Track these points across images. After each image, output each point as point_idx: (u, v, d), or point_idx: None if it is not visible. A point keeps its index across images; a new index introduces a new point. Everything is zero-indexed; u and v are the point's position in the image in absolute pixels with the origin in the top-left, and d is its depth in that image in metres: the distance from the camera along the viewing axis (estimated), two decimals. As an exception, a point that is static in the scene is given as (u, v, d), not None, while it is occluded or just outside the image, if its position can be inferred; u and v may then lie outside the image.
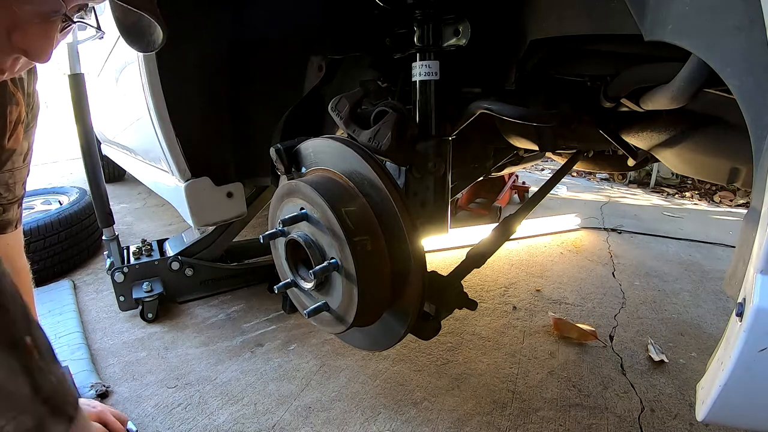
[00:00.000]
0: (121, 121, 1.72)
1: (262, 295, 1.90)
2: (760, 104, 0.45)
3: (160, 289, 1.73)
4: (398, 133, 0.78)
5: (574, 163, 1.41)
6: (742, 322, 0.41)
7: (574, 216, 2.78)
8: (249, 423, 1.21)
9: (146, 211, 3.23)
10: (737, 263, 0.45)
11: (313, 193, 0.71)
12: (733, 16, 0.46)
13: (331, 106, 0.85)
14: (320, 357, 1.49)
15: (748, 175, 0.92)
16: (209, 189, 1.07)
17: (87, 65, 1.72)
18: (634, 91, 0.85)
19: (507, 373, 1.41)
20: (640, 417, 1.24)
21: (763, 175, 0.42)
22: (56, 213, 2.09)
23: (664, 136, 1.05)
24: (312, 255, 0.74)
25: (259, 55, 1.00)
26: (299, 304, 0.85)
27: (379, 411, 1.25)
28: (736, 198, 3.75)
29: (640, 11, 0.59)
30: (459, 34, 0.84)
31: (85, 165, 1.70)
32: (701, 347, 1.57)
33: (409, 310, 0.74)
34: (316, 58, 1.03)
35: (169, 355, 1.49)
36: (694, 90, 0.60)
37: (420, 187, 0.90)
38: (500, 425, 1.20)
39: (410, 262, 0.69)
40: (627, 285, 2.04)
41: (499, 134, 1.30)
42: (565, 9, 0.78)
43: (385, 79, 1.13)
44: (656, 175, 4.14)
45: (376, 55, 1.07)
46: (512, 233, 1.07)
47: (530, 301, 1.87)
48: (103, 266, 2.10)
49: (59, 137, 7.28)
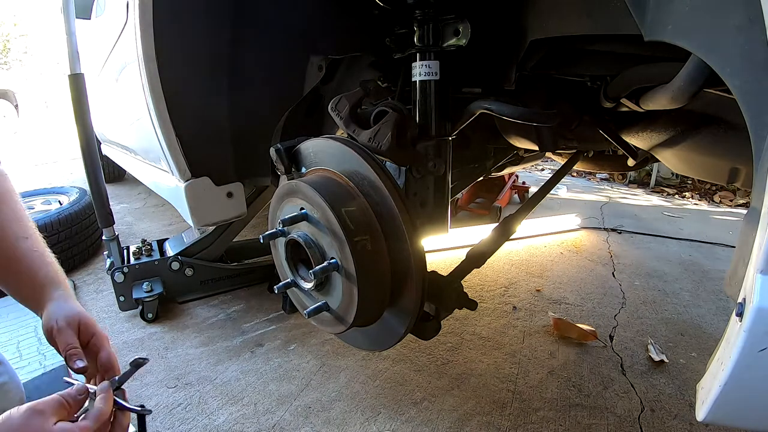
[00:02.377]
0: (121, 121, 1.71)
1: (262, 295, 1.90)
2: (760, 104, 0.45)
3: (160, 289, 1.73)
4: (398, 133, 0.78)
5: (574, 163, 1.41)
6: (742, 322, 0.41)
7: (574, 216, 2.78)
8: (249, 423, 1.21)
9: (146, 211, 3.23)
10: (737, 263, 0.45)
11: (313, 193, 0.71)
12: (733, 16, 0.46)
13: (331, 106, 0.85)
14: (320, 357, 1.49)
15: (748, 175, 0.92)
16: (209, 189, 1.07)
17: (87, 65, 1.72)
18: (634, 91, 0.85)
19: (507, 373, 1.41)
20: (640, 417, 1.24)
21: (763, 175, 0.42)
22: (56, 213, 2.09)
23: (664, 136, 1.05)
24: (312, 255, 0.74)
25: (259, 55, 1.00)
26: (299, 304, 0.85)
27: (379, 411, 1.25)
28: (736, 198, 3.75)
29: (640, 11, 0.59)
30: (459, 34, 0.84)
31: (85, 165, 1.69)
32: (701, 347, 1.57)
33: (409, 310, 0.74)
34: (316, 58, 1.03)
35: (169, 355, 1.49)
36: (694, 90, 0.60)
37: (420, 187, 0.90)
38: (500, 425, 1.20)
39: (410, 262, 0.69)
40: (627, 285, 2.04)
41: (499, 134, 1.30)
42: (565, 9, 0.78)
43: (385, 79, 1.13)
44: (656, 175, 4.14)
45: (376, 55, 1.07)
46: (512, 233, 1.07)
47: (530, 301, 1.87)
48: (103, 266, 2.10)
49: (59, 137, 7.28)
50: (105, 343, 0.70)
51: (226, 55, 0.98)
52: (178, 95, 0.96)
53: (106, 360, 0.68)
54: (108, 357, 0.69)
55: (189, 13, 0.92)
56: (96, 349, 0.69)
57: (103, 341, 0.70)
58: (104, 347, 0.69)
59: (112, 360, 0.69)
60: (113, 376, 0.67)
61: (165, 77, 0.93)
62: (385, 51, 0.98)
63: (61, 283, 0.74)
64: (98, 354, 0.68)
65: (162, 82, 0.93)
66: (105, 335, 0.71)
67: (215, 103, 1.01)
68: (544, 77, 1.03)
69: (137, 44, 0.91)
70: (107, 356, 0.69)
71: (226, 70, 0.99)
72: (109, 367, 0.68)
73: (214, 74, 0.98)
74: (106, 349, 0.69)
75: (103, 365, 0.68)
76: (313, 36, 1.01)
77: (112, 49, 1.44)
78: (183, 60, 0.95)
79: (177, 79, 0.95)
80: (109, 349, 0.70)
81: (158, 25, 0.89)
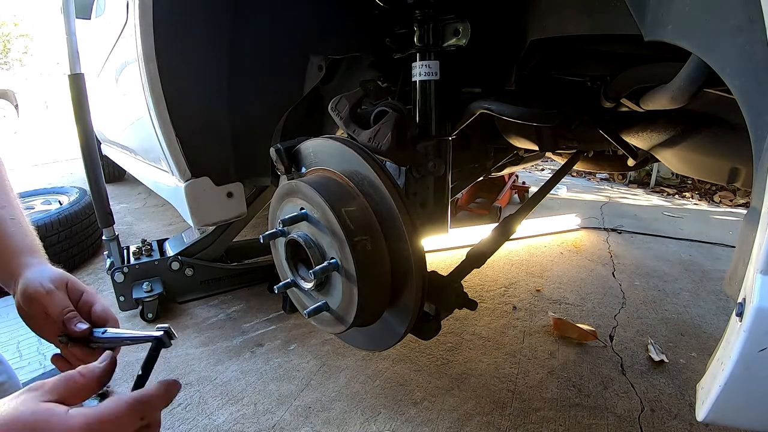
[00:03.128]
0: (121, 121, 1.71)
1: (262, 295, 1.90)
2: (760, 104, 0.45)
3: (160, 289, 1.73)
4: (398, 133, 0.78)
5: (574, 163, 1.41)
6: (742, 322, 0.41)
7: (574, 216, 2.78)
8: (249, 423, 1.21)
9: (146, 211, 3.23)
10: (737, 263, 0.45)
11: (313, 193, 0.71)
12: (733, 16, 0.46)
13: (331, 106, 0.85)
14: (320, 357, 1.48)
15: (748, 175, 0.92)
16: (209, 189, 1.07)
17: (87, 65, 1.72)
18: (634, 91, 0.85)
19: (507, 373, 1.41)
20: (640, 417, 1.24)
21: (763, 175, 0.42)
22: (56, 213, 2.09)
23: (664, 136, 1.05)
24: (312, 255, 0.74)
25: (259, 55, 1.00)
26: (299, 304, 0.85)
27: (379, 411, 1.25)
28: (736, 198, 3.75)
29: (640, 11, 0.59)
30: (459, 34, 0.84)
31: (85, 165, 1.69)
32: (701, 347, 1.57)
33: (409, 310, 0.74)
34: (316, 58, 1.03)
35: (169, 355, 1.49)
36: (694, 90, 0.60)
37: (420, 187, 0.90)
38: (500, 425, 1.20)
39: (410, 262, 0.69)
40: (627, 285, 2.04)
41: (499, 134, 1.30)
42: (565, 9, 0.78)
43: (385, 79, 1.13)
44: (656, 175, 4.14)
45: (376, 55, 1.07)
46: (512, 233, 1.07)
47: (530, 301, 1.87)
48: (103, 266, 2.10)
49: (59, 137, 7.28)
50: (96, 296, 0.65)
51: (226, 54, 0.98)
52: (178, 95, 0.96)
53: (102, 312, 0.63)
54: (103, 309, 0.63)
55: (189, 14, 0.92)
56: (88, 306, 0.64)
57: (93, 296, 0.65)
58: (97, 300, 0.64)
59: (107, 311, 0.64)
60: (114, 326, 0.62)
61: (165, 77, 0.93)
62: (385, 51, 0.98)
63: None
64: (92, 308, 0.63)
65: (162, 82, 0.93)
66: (93, 290, 0.66)
67: (215, 103, 1.01)
68: (544, 77, 1.03)
69: (137, 44, 0.91)
70: (102, 308, 0.63)
71: (226, 70, 0.99)
72: (106, 319, 0.63)
73: (214, 74, 0.98)
74: (99, 302, 0.64)
75: (100, 318, 0.63)
76: (313, 36, 1.01)
77: (112, 49, 1.44)
78: (183, 60, 0.95)
79: (177, 79, 0.95)
80: (101, 301, 0.64)
81: (158, 25, 0.89)
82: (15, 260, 0.65)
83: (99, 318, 0.63)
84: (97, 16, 1.83)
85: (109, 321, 0.63)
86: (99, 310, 0.63)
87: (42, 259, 0.67)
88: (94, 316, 0.63)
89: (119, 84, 1.45)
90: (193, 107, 1.00)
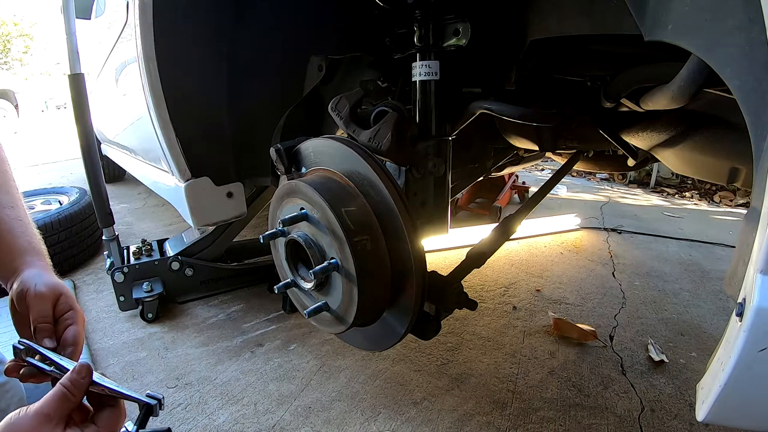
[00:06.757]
0: (121, 121, 1.71)
1: (262, 295, 1.90)
2: (760, 104, 0.45)
3: (160, 289, 1.73)
4: (398, 133, 0.78)
5: (574, 163, 1.41)
6: (742, 322, 0.41)
7: (574, 216, 2.78)
8: (249, 423, 1.21)
9: (146, 211, 3.23)
10: (737, 263, 0.45)
11: (313, 193, 0.71)
12: (733, 16, 0.46)
13: (331, 106, 0.85)
14: (320, 357, 1.49)
15: (748, 175, 0.92)
16: (209, 189, 1.07)
17: (87, 65, 1.72)
18: (634, 91, 0.85)
19: (507, 373, 1.41)
20: (640, 417, 1.24)
21: (763, 175, 0.42)
22: (56, 213, 2.09)
23: (664, 136, 1.05)
24: (312, 255, 0.74)
25: (260, 55, 1.00)
26: (299, 304, 0.85)
27: (379, 411, 1.25)
28: (736, 198, 3.75)
29: (640, 11, 0.59)
30: (459, 34, 0.84)
31: (85, 165, 1.69)
32: (701, 347, 1.57)
33: (409, 310, 0.74)
34: (316, 58, 1.03)
35: (169, 355, 1.50)
36: (694, 90, 0.60)
37: (420, 187, 0.90)
38: (500, 425, 1.20)
39: (410, 262, 0.69)
40: (627, 285, 2.04)
41: (499, 134, 1.30)
42: (565, 9, 0.78)
43: (385, 79, 1.13)
44: (656, 175, 4.14)
45: (376, 55, 1.07)
46: (512, 233, 1.07)
47: (530, 301, 1.87)
48: (103, 266, 2.10)
49: (59, 137, 7.28)
50: (79, 321, 0.65)
51: (226, 54, 0.98)
52: (178, 95, 0.96)
53: (72, 337, 0.63)
54: (75, 335, 0.63)
55: (189, 14, 0.92)
56: (67, 324, 0.64)
57: (78, 318, 0.65)
58: (77, 324, 0.64)
59: (78, 339, 0.63)
60: (73, 355, 0.61)
61: (165, 77, 0.93)
62: (385, 51, 0.98)
63: (42, 254, 0.70)
64: (66, 328, 0.63)
65: (162, 82, 0.93)
66: (82, 315, 0.66)
67: (215, 103, 1.01)
68: (544, 77, 1.03)
69: (137, 44, 0.91)
70: (74, 334, 0.63)
71: (226, 70, 0.99)
72: (72, 344, 0.62)
73: (214, 74, 0.99)
74: (77, 327, 0.64)
75: (66, 341, 0.62)
76: (313, 36, 1.01)
77: (112, 49, 1.44)
78: (183, 60, 0.95)
79: (177, 79, 0.95)
80: (80, 329, 0.64)
81: (158, 25, 0.89)
82: (19, 259, 0.67)
83: (65, 341, 0.63)
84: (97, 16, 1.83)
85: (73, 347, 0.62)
86: (70, 335, 0.63)
87: (44, 262, 0.69)
88: (64, 337, 0.63)
89: (119, 84, 1.45)
90: (193, 107, 1.00)
